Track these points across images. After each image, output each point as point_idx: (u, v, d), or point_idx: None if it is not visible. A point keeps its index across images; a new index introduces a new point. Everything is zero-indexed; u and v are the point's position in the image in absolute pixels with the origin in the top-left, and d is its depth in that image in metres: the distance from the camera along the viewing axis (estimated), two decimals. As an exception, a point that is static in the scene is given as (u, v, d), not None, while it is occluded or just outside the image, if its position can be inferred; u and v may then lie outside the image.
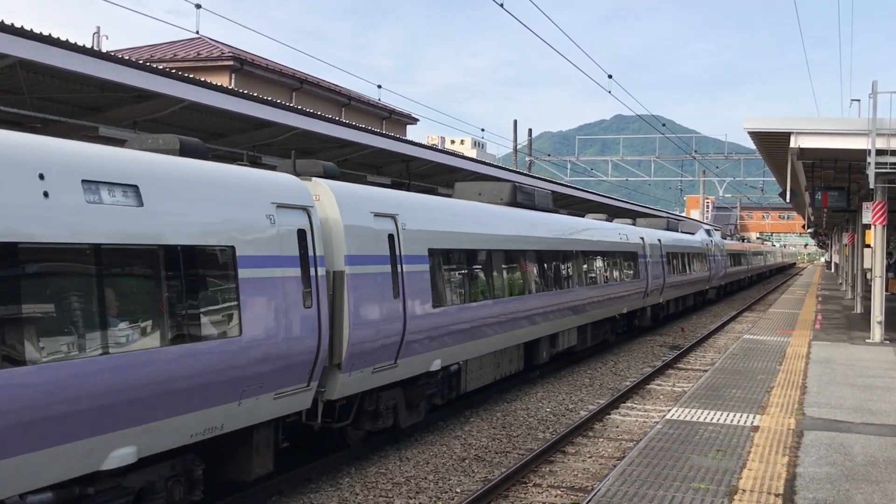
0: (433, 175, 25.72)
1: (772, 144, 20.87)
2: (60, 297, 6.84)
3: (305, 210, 10.03)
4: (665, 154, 61.71)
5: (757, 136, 19.85)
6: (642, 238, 27.53)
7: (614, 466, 11.36)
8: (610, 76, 30.57)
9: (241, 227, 8.97)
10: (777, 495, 8.33)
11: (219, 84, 15.34)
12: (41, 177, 6.89)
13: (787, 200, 28.90)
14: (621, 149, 63.32)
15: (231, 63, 34.17)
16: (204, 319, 8.33)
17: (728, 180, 69.64)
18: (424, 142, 30.67)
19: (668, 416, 12.08)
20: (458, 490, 10.96)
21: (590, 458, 12.75)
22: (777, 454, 9.96)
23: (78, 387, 6.89)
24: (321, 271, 10.11)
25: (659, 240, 30.09)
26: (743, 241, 74.39)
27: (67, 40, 11.66)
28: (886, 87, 19.85)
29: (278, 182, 9.93)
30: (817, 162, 21.58)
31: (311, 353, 9.82)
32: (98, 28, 33.13)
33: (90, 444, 7.09)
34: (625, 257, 24.97)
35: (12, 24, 10.85)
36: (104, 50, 18.20)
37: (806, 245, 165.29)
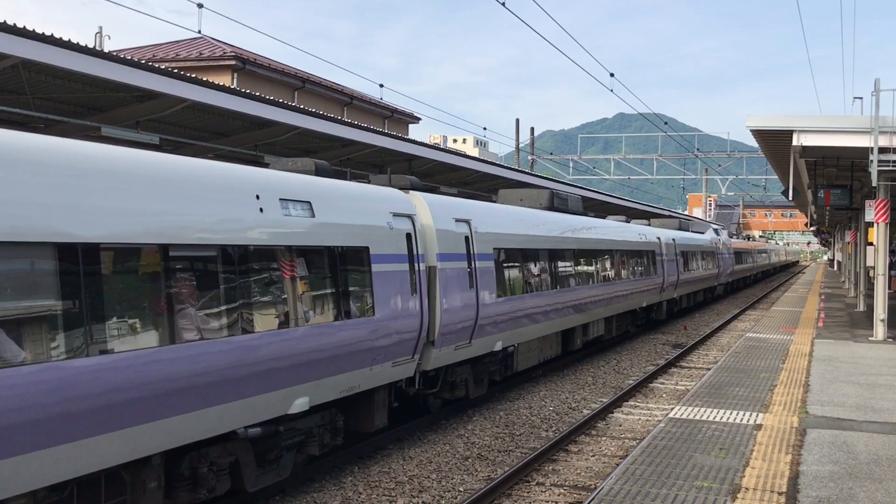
0: (435, 174, 25.71)
1: (774, 142, 20.85)
2: (272, 285, 9.38)
3: (410, 217, 12.59)
4: (667, 152, 61.66)
5: (759, 133, 19.83)
6: (659, 238, 29.49)
7: (617, 465, 11.37)
8: (612, 74, 30.56)
9: (372, 232, 11.49)
10: (780, 493, 8.33)
11: (221, 84, 15.34)
12: (257, 197, 9.36)
13: (790, 198, 28.86)
14: (623, 147, 63.33)
15: (233, 63, 34.17)
16: (354, 303, 10.83)
17: (730, 178, 69.57)
18: (427, 141, 30.70)
19: (671, 415, 12.08)
20: (461, 489, 10.97)
21: (593, 456, 12.75)
22: (780, 452, 9.96)
23: (284, 349, 9.37)
24: (422, 266, 12.59)
25: (673, 239, 31.99)
26: (748, 239, 76.67)
27: (70, 40, 11.67)
28: (889, 85, 19.88)
29: (392, 196, 12.47)
30: (820, 160, 21.55)
31: (416, 332, 12.33)
32: (100, 28, 33.10)
33: (284, 393, 9.50)
34: (645, 256, 27.03)
35: (14, 25, 10.86)
36: (106, 50, 18.22)
37: (808, 243, 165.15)
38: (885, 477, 8.97)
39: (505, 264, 15.80)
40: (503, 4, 17.62)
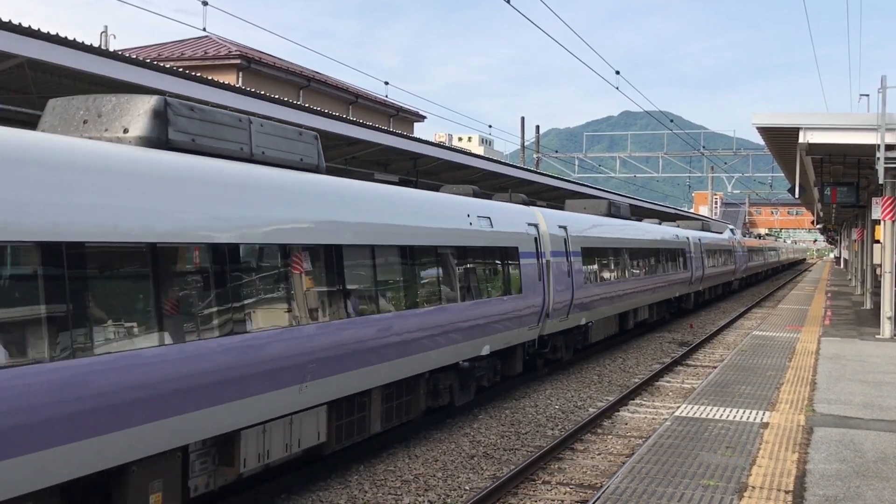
0: (440, 172, 25.71)
1: (780, 140, 20.80)
2: (476, 271, 14.43)
3: (536, 226, 17.59)
4: (673, 150, 61.60)
5: (765, 131, 19.79)
6: (688, 238, 33.97)
7: (623, 463, 11.34)
8: (618, 72, 30.50)
9: (519, 236, 16.44)
10: (787, 492, 8.30)
11: (226, 82, 15.34)
12: (468, 215, 14.48)
13: (796, 196, 28.78)
14: (629, 145, 63.28)
15: (238, 61, 34.18)
16: (512, 284, 15.81)
17: (737, 176, 69.48)
18: (432, 139, 30.67)
19: (677, 413, 12.05)
20: (466, 487, 10.96)
21: (599, 455, 12.73)
22: (787, 451, 9.93)
23: (484, 312, 14.36)
24: (543, 261, 17.46)
25: (699, 239, 36.72)
26: (760, 237, 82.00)
27: (75, 39, 11.69)
28: (895, 83, 19.78)
29: (527, 210, 17.65)
30: (826, 157, 21.50)
31: (541, 307, 17.20)
32: (106, 27, 33.15)
33: (481, 341, 14.34)
34: (678, 253, 31.71)
35: (20, 24, 10.88)
36: (112, 49, 18.22)
37: (815, 241, 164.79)
38: (892, 475, 8.94)
39: (586, 259, 20.74)
40: (508, 2, 17.59)
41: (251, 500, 10.05)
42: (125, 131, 8.64)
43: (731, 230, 54.19)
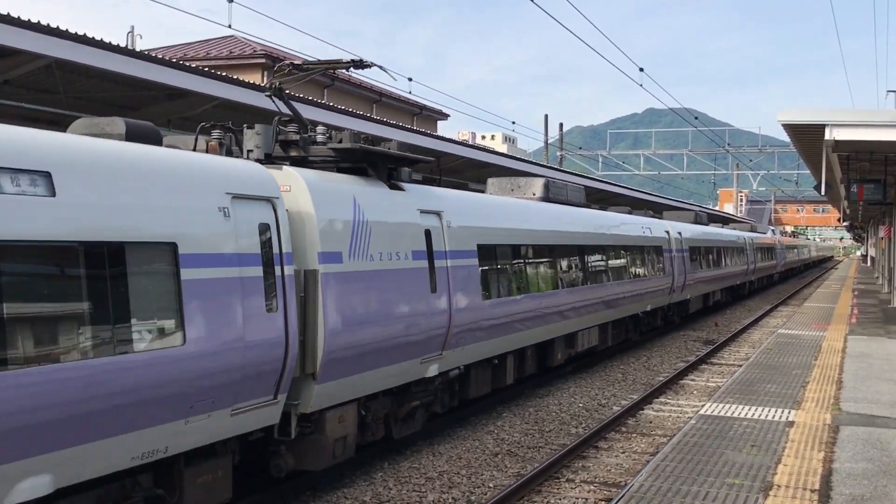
0: (464, 170, 25.73)
1: (806, 137, 20.64)
2: (640, 261, 22.54)
3: (668, 232, 25.96)
4: (698, 147, 61.29)
5: (791, 128, 19.64)
6: (745, 238, 43.28)
7: (648, 462, 11.32)
8: (641, 70, 30.40)
9: (662, 238, 24.47)
10: (813, 491, 8.26)
11: (251, 82, 15.44)
12: (641, 226, 23.83)
13: (822, 193, 28.58)
14: (653, 142, 62.97)
15: (263, 61, 34.35)
16: (659, 269, 23.82)
17: (762, 173, 69.05)
18: (455, 137, 30.69)
19: (701, 412, 12.01)
20: (490, 485, 10.98)
21: (623, 453, 12.71)
22: (813, 450, 9.88)
23: (647, 285, 22.54)
24: (671, 255, 24.92)
25: (753, 239, 46.36)
26: (795, 236, 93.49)
27: (102, 40, 11.81)
28: (923, 78, 19.63)
29: (662, 222, 24.39)
30: (852, 154, 21.31)
31: (670, 284, 25.24)
32: (132, 27, 33.39)
33: (647, 302, 22.79)
34: (738, 249, 40.19)
35: (48, 25, 11.00)
36: (138, 49, 18.37)
37: (841, 238, 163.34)
38: (919, 475, 8.87)
39: (693, 254, 28.82)
40: (532, 0, 17.57)
41: (278, 498, 10.12)
42: (533, 195, 18.08)
43: (773, 230, 65.54)
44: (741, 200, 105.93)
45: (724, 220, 54.10)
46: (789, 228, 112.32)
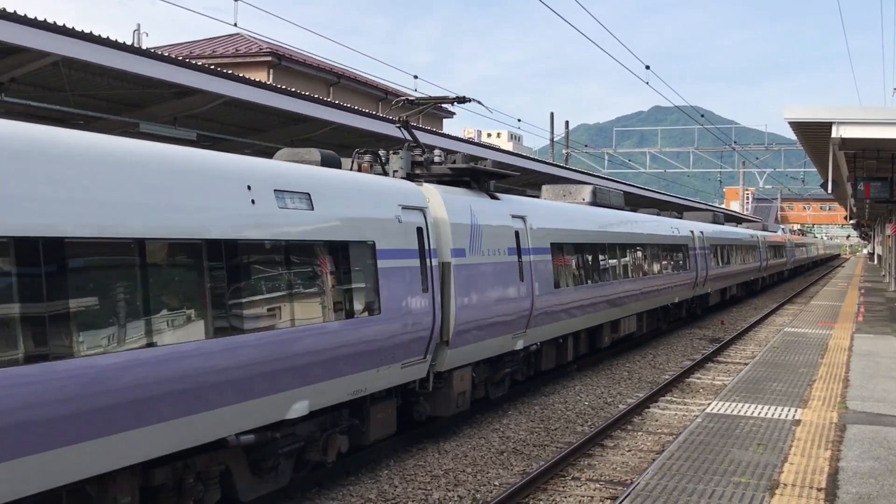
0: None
1: (813, 135, 20.58)
2: (669, 257, 25.31)
3: (692, 232, 28.69)
4: (704, 145, 61.17)
5: (798, 126, 19.58)
6: (758, 237, 46.18)
7: (654, 460, 11.31)
8: (647, 67, 30.36)
9: (687, 238, 27.95)
10: (819, 489, 8.25)
11: (257, 80, 15.45)
12: (671, 226, 26.51)
13: (829, 191, 28.52)
14: (659, 140, 62.83)
15: (269, 58, 34.36)
16: (685, 264, 26.60)
17: (768, 171, 68.89)
18: (461, 135, 30.72)
19: (708, 410, 12.00)
20: (496, 483, 10.98)
21: (629, 451, 12.70)
22: (819, 448, 9.86)
23: (675, 280, 25.57)
24: (696, 253, 28.28)
25: (765, 237, 49.35)
26: (803, 234, 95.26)
27: (108, 38, 11.82)
28: (931, 76, 19.54)
29: (688, 223, 28.26)
30: (859, 152, 21.26)
31: (695, 278, 28.36)
32: (138, 25, 33.42)
33: (673, 296, 25.76)
34: (751, 247, 42.88)
35: (55, 23, 11.02)
36: (144, 47, 18.39)
37: (848, 237, 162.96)
38: (926, 473, 8.85)
39: (712, 251, 32.05)
40: (538, -3, 17.54)
41: (284, 495, 10.13)
42: (583, 199, 20.56)
43: (783, 229, 69.69)
44: (747, 198, 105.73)
45: (738, 220, 56.41)
46: (796, 226, 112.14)
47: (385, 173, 12.91)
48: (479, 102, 15.06)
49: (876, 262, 78.45)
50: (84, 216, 6.83)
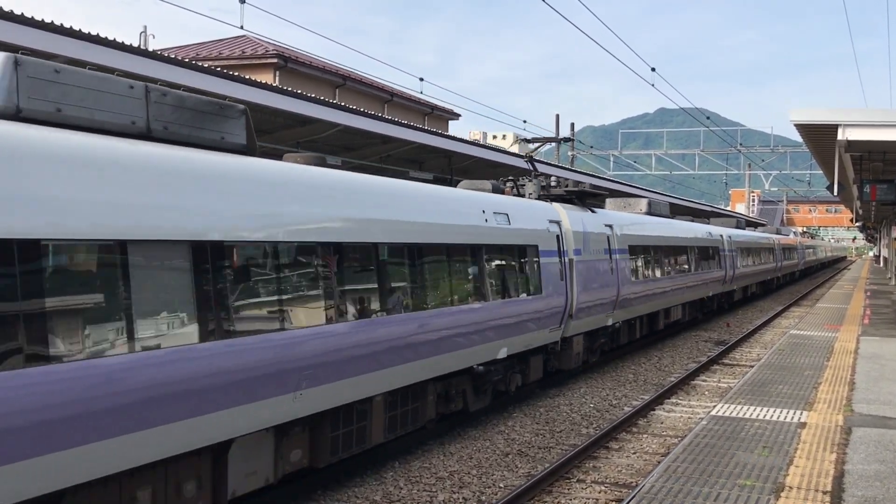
0: (474, 170, 25.70)
1: (819, 137, 20.55)
2: (703, 257, 29.77)
3: (722, 235, 32.71)
4: (710, 147, 61.10)
5: (804, 128, 19.55)
6: (774, 240, 49.89)
7: (659, 462, 11.30)
8: (653, 69, 30.33)
9: (720, 241, 32.33)
10: (825, 493, 8.23)
11: (263, 81, 15.47)
12: (708, 232, 32.06)
13: (835, 194, 28.48)
14: (665, 142, 62.80)
15: (275, 60, 34.39)
16: (716, 261, 31.33)
17: (774, 173, 68.79)
18: (466, 137, 30.75)
19: (713, 413, 11.98)
20: (501, 485, 10.97)
21: (634, 454, 12.69)
22: (825, 451, 9.84)
23: (706, 277, 29.79)
24: (725, 254, 32.57)
25: (779, 240, 52.48)
26: (812, 237, 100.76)
27: (114, 40, 11.84)
28: (937, 78, 19.48)
29: (715, 228, 32.87)
30: (865, 154, 21.21)
31: (723, 276, 32.05)
32: (145, 27, 33.48)
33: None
34: (769, 249, 46.81)
35: (60, 25, 11.04)
36: (150, 49, 18.44)
37: (854, 239, 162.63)
38: (932, 477, 8.82)
39: (739, 254, 35.53)
40: None
41: (289, 497, 10.14)
42: (641, 210, 24.77)
43: (794, 232, 73.79)
44: (753, 200, 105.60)
45: (755, 224, 60.06)
46: (800, 229, 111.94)
47: (521, 195, 17.62)
48: (580, 141, 24.37)
49: (882, 264, 78.27)
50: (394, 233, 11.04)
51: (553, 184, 18.41)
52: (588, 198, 19.49)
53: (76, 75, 7.59)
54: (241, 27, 20.88)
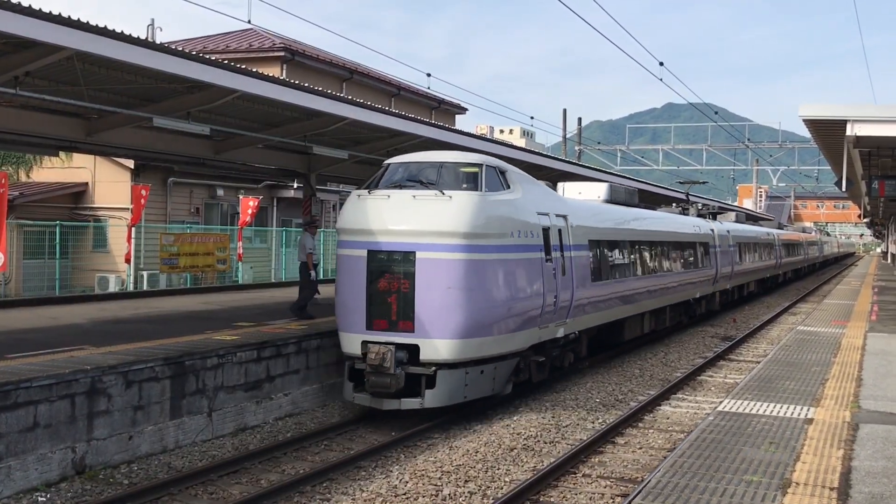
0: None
1: (827, 132, 20.48)
2: (757, 251, 42.85)
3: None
4: (717, 143, 60.93)
5: (812, 123, 19.49)
6: (773, 235, 49.10)
7: (665, 458, 11.28)
8: (661, 64, 30.27)
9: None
10: (832, 489, 8.21)
11: (270, 75, 15.44)
12: (770, 235, 48.51)
13: (843, 189, 28.45)
14: (672, 137, 62.56)
15: (283, 54, 34.40)
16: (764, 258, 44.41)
17: (782, 169, 68.56)
18: (473, 131, 30.75)
19: (719, 408, 11.96)
20: (507, 479, 10.97)
21: (640, 449, 12.68)
22: (832, 447, 9.81)
23: (756, 265, 40.80)
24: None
25: (807, 236, 58.36)
26: (828, 235, 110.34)
27: (122, 32, 11.83)
28: (947, 74, 19.41)
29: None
30: (874, 150, 21.15)
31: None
32: (152, 20, 33.52)
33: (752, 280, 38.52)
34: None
35: (69, 17, 11.03)
36: (158, 42, 18.46)
37: (861, 235, 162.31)
38: (940, 473, 8.79)
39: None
40: (552, -6, 17.51)
41: (294, 490, 10.16)
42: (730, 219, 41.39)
43: (818, 230, 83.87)
44: (761, 196, 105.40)
45: (755, 219, 62.79)
46: (809, 224, 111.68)
47: (686, 214, 29.40)
48: (696, 196, 38.48)
49: (890, 260, 78.12)
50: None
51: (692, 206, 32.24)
52: (711, 213, 34.37)
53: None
54: (249, 22, 20.91)
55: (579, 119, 58.40)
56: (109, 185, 29.03)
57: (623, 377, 18.52)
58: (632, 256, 20.95)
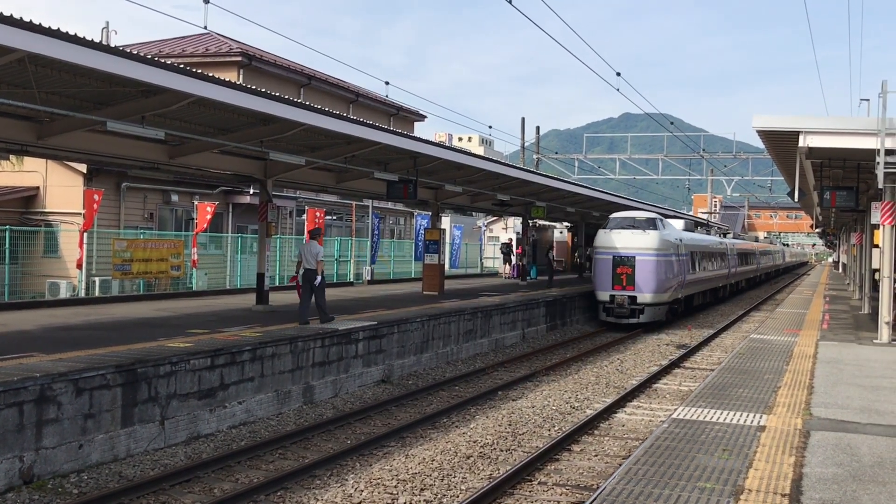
0: (440, 172, 25.66)
1: (780, 143, 20.77)
2: (752, 258, 66.52)
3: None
4: (673, 153, 61.53)
5: (766, 134, 19.75)
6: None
7: (620, 465, 11.33)
8: (619, 74, 30.51)
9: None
10: (783, 495, 8.29)
11: (227, 79, 15.30)
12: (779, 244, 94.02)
13: (796, 200, 28.90)
14: (629, 147, 63.08)
15: (239, 59, 34.13)
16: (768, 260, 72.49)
17: (736, 179, 69.37)
18: (432, 139, 30.77)
19: (674, 416, 12.03)
20: (463, 487, 10.94)
21: (595, 456, 12.72)
22: (783, 454, 9.92)
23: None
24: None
25: (762, 246, 68.39)
26: (787, 245, 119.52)
27: (76, 34, 11.65)
28: (896, 87, 19.70)
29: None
30: (826, 161, 21.47)
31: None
32: (107, 23, 33.09)
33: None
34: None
35: (21, 18, 10.85)
36: (113, 45, 18.21)
37: (814, 245, 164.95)
38: (888, 480, 8.93)
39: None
40: (510, 2, 17.57)
41: (248, 499, 10.04)
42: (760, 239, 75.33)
43: (783, 244, 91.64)
44: (715, 206, 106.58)
45: (707, 226, 67.19)
46: (762, 234, 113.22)
47: (709, 232, 46.10)
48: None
49: (841, 270, 79.37)
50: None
51: (713, 227, 45.08)
52: (721, 230, 52.14)
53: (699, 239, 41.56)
54: (205, 27, 20.71)
55: (537, 128, 58.71)
56: (61, 189, 28.58)
57: (579, 385, 18.59)
58: (702, 262, 37.72)
